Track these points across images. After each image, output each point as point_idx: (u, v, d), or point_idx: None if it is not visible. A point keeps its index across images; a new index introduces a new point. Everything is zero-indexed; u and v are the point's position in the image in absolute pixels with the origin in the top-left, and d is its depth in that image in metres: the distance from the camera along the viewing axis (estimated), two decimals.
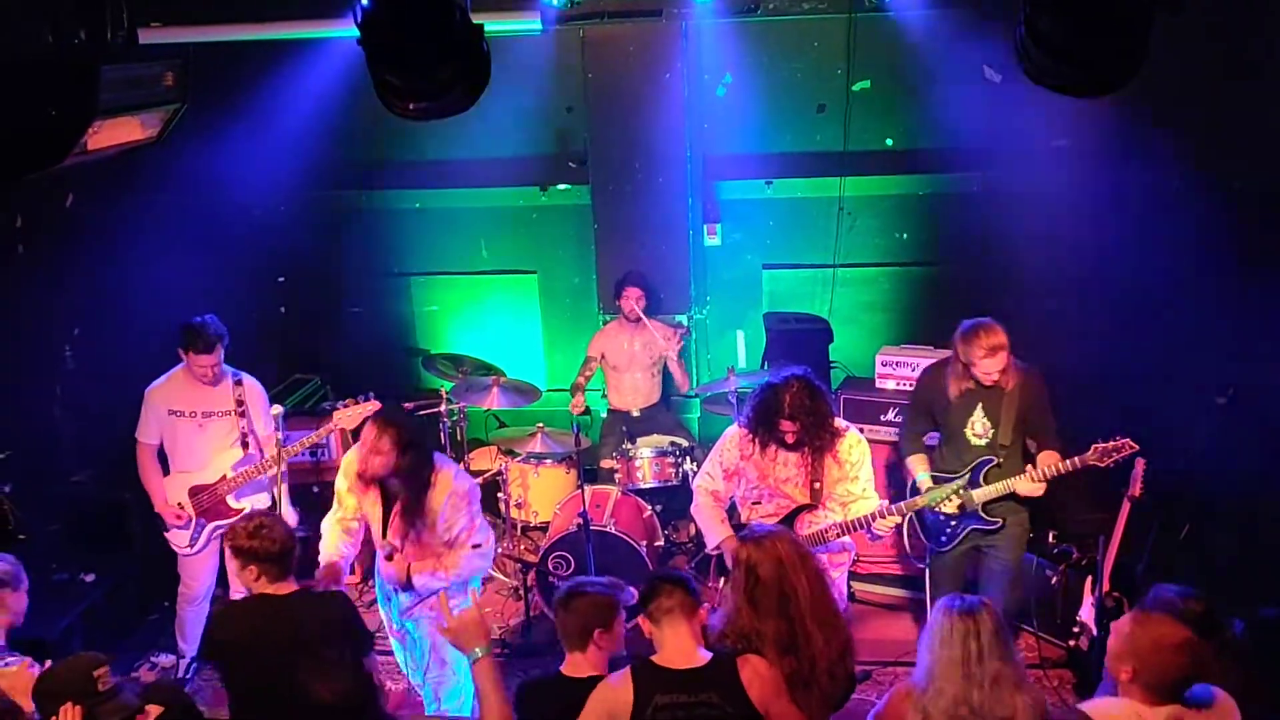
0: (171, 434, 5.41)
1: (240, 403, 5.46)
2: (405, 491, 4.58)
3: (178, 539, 5.48)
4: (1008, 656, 3.16)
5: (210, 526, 5.49)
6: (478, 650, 3.26)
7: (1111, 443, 4.57)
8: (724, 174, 7.45)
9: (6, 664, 3.88)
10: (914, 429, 5.22)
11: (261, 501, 5.55)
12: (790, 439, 4.67)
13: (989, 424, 4.85)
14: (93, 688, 3.27)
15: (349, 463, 4.74)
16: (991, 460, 4.85)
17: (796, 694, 3.36)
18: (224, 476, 5.44)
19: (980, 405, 4.85)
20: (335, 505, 4.85)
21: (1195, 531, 5.64)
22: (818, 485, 4.76)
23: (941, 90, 6.72)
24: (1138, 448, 4.55)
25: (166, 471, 5.50)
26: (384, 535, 4.67)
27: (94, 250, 6.22)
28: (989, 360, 4.68)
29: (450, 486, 4.60)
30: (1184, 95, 5.80)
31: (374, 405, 5.26)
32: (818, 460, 4.72)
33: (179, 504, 5.43)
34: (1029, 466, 4.82)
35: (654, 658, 3.35)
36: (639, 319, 6.87)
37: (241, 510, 5.51)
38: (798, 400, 4.57)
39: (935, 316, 7.22)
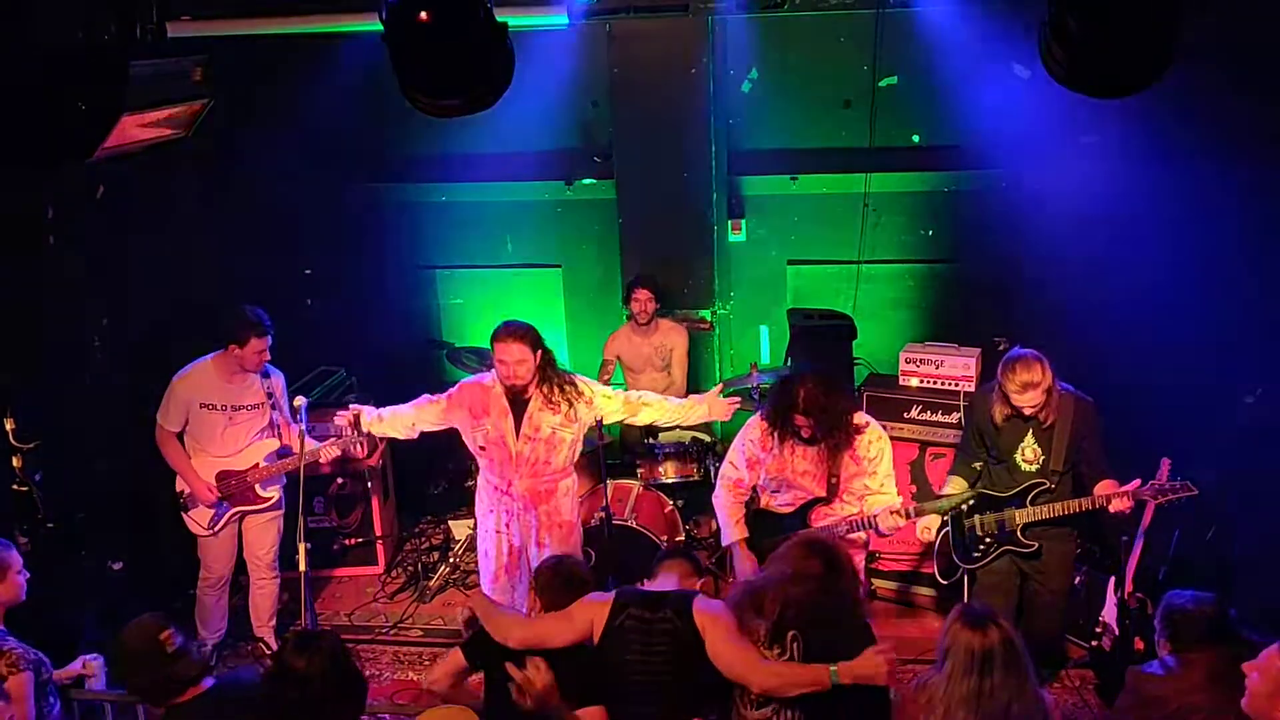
0: (199, 424, 5.45)
1: (270, 395, 5.53)
2: (556, 398, 4.93)
3: (200, 518, 5.52)
4: (1020, 688, 3.15)
5: (232, 511, 5.55)
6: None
7: (1170, 484, 4.56)
8: (749, 169, 7.44)
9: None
10: (965, 454, 5.15)
11: (281, 493, 5.67)
12: (805, 434, 4.69)
13: (1040, 450, 4.81)
14: (160, 649, 3.42)
15: (459, 397, 5.10)
16: (1043, 484, 4.80)
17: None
18: (256, 465, 5.51)
19: (1031, 432, 4.82)
20: (415, 407, 5.16)
21: (1220, 534, 5.59)
22: (834, 480, 4.78)
23: (969, 87, 6.67)
24: (1195, 492, 4.50)
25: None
26: (516, 443, 4.97)
27: (123, 242, 6.28)
28: (1020, 396, 4.67)
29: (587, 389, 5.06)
30: (1213, 91, 5.75)
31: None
32: (835, 455, 4.73)
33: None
34: (1108, 492, 4.67)
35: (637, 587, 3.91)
36: (649, 321, 6.89)
37: (269, 499, 5.57)
38: (811, 396, 4.60)
39: (960, 314, 7.22)
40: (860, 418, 4.82)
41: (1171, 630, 3.65)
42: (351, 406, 5.27)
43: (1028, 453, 4.84)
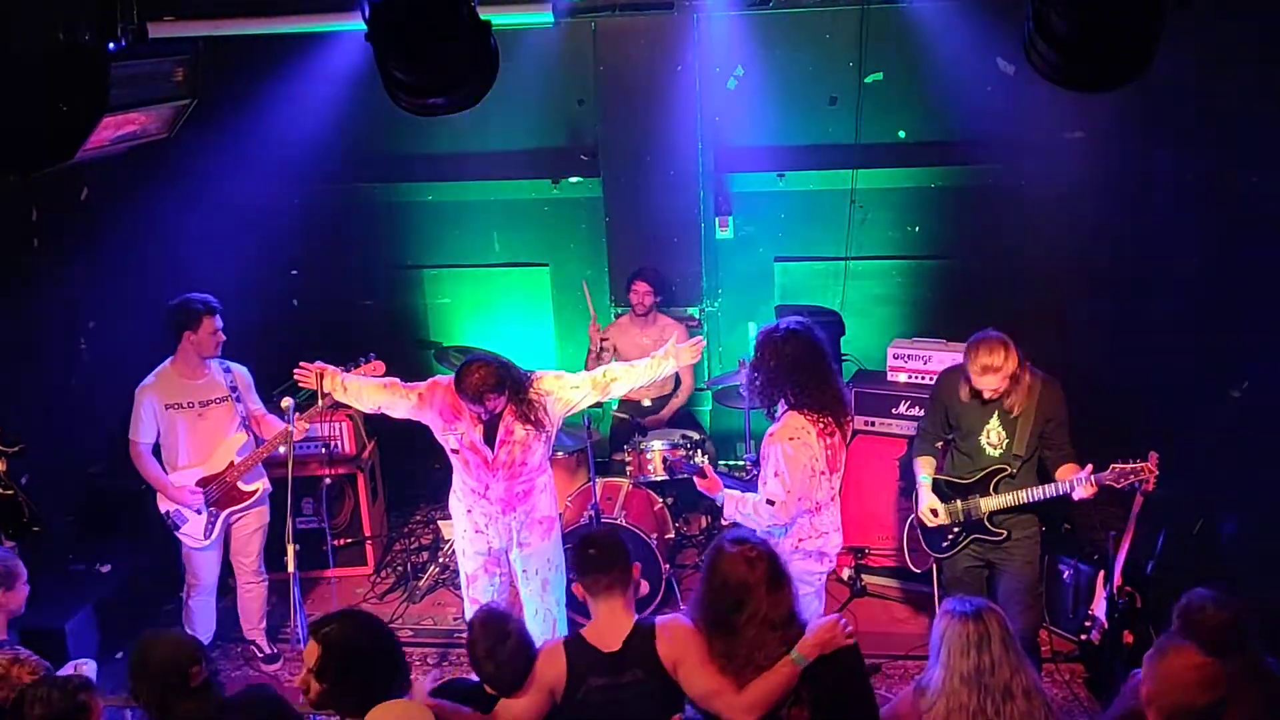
0: (171, 430, 5.36)
1: (234, 388, 5.49)
2: (526, 412, 4.84)
3: (194, 531, 5.45)
4: (1019, 665, 3.17)
5: (223, 515, 5.50)
6: None
7: (1130, 465, 4.45)
8: (736, 166, 7.44)
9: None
10: (929, 431, 5.07)
11: (265, 484, 5.63)
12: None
13: (1004, 434, 4.72)
14: (183, 681, 3.27)
15: (429, 398, 4.96)
16: (1004, 470, 4.72)
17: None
18: (231, 463, 5.45)
19: (996, 414, 4.73)
20: (382, 388, 5.03)
21: (1208, 528, 5.61)
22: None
23: (954, 82, 6.68)
24: (1157, 473, 4.42)
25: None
26: (492, 453, 4.88)
27: (108, 244, 6.26)
28: (980, 379, 4.58)
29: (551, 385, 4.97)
30: (1203, 83, 5.76)
31: (378, 365, 5.24)
32: None
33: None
34: (1069, 476, 4.60)
35: (585, 632, 3.52)
36: (648, 313, 6.89)
37: (254, 492, 5.54)
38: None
39: (947, 310, 7.23)
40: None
41: (1189, 631, 3.55)
42: (317, 364, 5.07)
43: (992, 435, 4.75)
